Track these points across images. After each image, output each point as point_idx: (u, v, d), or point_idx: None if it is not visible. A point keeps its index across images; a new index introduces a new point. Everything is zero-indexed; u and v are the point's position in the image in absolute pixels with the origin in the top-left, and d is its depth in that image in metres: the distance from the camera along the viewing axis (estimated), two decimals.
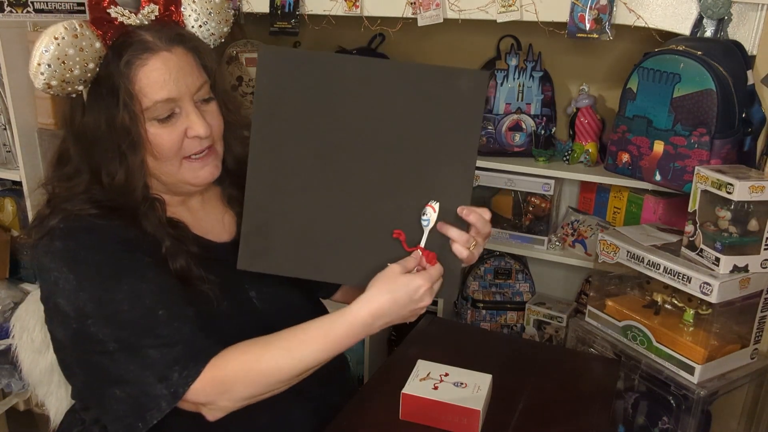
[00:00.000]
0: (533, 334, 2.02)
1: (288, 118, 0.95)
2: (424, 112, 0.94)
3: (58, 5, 1.85)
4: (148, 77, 0.95)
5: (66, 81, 0.93)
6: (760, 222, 1.30)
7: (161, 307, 0.94)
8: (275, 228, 0.96)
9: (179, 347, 0.93)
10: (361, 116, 0.95)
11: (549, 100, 1.84)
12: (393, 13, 1.73)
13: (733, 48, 1.42)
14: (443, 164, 0.95)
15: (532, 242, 1.89)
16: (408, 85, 0.93)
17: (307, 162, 0.95)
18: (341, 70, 0.94)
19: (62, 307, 0.95)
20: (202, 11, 1.02)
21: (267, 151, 0.96)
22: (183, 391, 0.92)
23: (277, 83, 0.94)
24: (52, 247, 0.96)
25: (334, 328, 0.93)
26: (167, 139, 0.98)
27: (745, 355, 1.42)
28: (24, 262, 2.07)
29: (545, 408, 1.21)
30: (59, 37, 0.90)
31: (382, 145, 0.95)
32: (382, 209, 0.95)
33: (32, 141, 1.85)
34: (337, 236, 0.96)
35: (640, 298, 1.53)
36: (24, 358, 1.29)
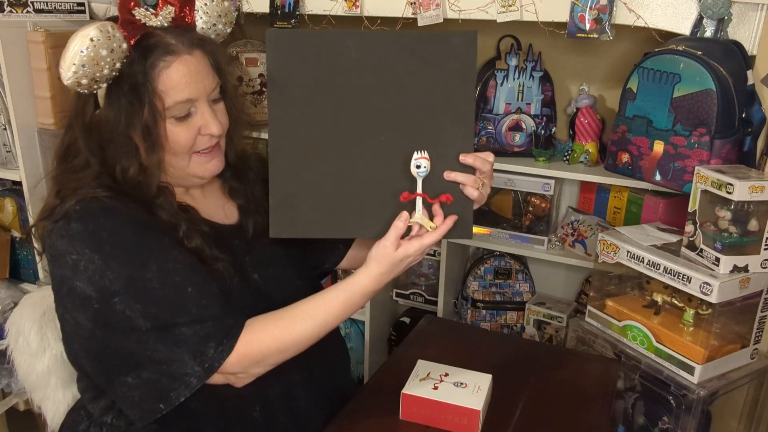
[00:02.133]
0: (533, 334, 2.02)
1: (300, 94, 1.02)
2: (423, 74, 1.02)
3: (58, 5, 1.85)
4: (171, 79, 1.01)
5: (95, 80, 0.98)
6: (760, 222, 1.30)
7: (189, 284, 1.00)
8: (300, 196, 1.04)
9: (210, 323, 0.99)
10: (366, 84, 1.02)
11: (549, 100, 1.84)
12: (393, 13, 1.73)
13: (733, 48, 1.42)
14: (446, 119, 1.04)
15: (532, 242, 1.89)
16: (407, 52, 1.01)
17: (321, 132, 1.03)
18: (344, 45, 1.01)
19: (81, 290, 0.96)
20: (212, 14, 1.08)
21: (284, 127, 1.02)
22: (218, 365, 0.98)
23: (286, 63, 1.00)
24: (69, 230, 0.98)
25: (346, 293, 1.04)
26: (183, 136, 1.04)
27: (745, 355, 1.42)
28: (24, 262, 2.07)
29: (545, 408, 1.21)
30: (95, 39, 0.94)
31: (389, 109, 1.03)
32: (393, 167, 1.04)
33: (32, 141, 1.85)
34: (355, 196, 1.05)
35: (640, 298, 1.53)
36: (20, 362, 1.29)
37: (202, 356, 0.98)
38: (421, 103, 1.03)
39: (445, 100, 1.03)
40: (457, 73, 1.02)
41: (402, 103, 1.03)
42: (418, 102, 1.03)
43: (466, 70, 1.03)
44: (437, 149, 1.04)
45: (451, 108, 1.03)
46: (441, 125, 1.04)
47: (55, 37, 1.78)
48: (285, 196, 1.04)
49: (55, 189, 1.06)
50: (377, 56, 1.02)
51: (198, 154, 1.08)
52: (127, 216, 1.01)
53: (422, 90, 1.03)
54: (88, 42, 0.94)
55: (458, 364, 1.17)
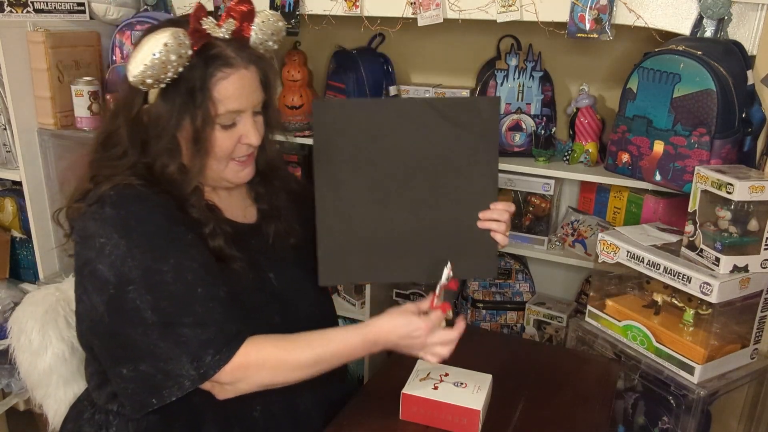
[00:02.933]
0: (533, 334, 2.02)
1: (343, 156, 1.13)
2: (452, 134, 1.13)
3: (58, 5, 1.85)
4: (226, 89, 1.06)
5: (158, 80, 1.02)
6: (760, 222, 1.30)
7: (200, 284, 1.02)
8: (345, 248, 1.15)
9: (213, 329, 1.01)
10: (402, 145, 1.13)
11: (549, 100, 1.84)
12: (393, 13, 1.73)
13: (733, 48, 1.42)
14: (472, 173, 1.15)
15: (532, 242, 1.89)
16: (437, 115, 1.13)
17: (362, 189, 1.14)
18: (381, 111, 1.14)
19: (102, 273, 1.00)
20: (266, 32, 1.15)
21: (329, 186, 1.13)
22: (213, 373, 1.00)
23: (331, 129, 1.12)
24: (102, 214, 1.02)
25: (349, 337, 1.08)
26: (225, 143, 1.10)
27: (745, 355, 1.42)
28: (24, 262, 2.07)
29: (545, 408, 1.21)
30: (168, 44, 0.99)
31: (422, 166, 1.14)
32: (429, 218, 1.15)
33: (32, 141, 1.85)
34: (394, 245, 1.15)
35: (640, 298, 1.53)
36: (22, 360, 1.30)
37: (200, 361, 0.99)
38: (450, 159, 1.14)
39: (472, 157, 1.14)
40: (481, 133, 1.13)
41: (433, 160, 1.14)
42: (448, 158, 1.14)
43: (490, 130, 1.14)
44: (465, 200, 1.15)
45: (477, 163, 1.15)
46: (468, 179, 1.15)
47: (55, 37, 1.78)
48: (331, 249, 1.14)
49: (90, 173, 1.10)
50: (411, 119, 1.13)
51: (234, 161, 1.14)
52: (158, 207, 1.04)
53: (451, 148, 1.13)
54: (162, 46, 0.99)
55: (458, 364, 1.17)
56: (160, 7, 2.02)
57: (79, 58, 1.87)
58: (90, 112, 1.81)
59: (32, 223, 1.91)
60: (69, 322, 1.30)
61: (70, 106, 1.82)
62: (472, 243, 1.16)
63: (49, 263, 1.97)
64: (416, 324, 1.06)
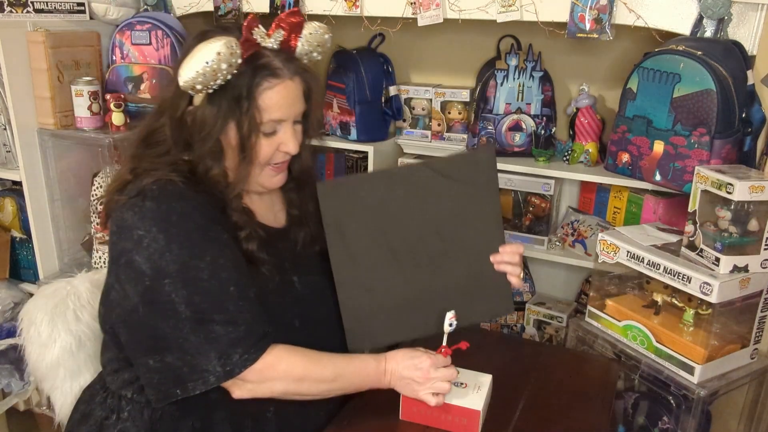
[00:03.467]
0: (533, 334, 2.02)
1: (354, 231, 1.17)
2: (455, 190, 1.17)
3: (58, 5, 1.85)
4: (271, 99, 1.10)
5: (208, 86, 1.05)
6: (760, 222, 1.30)
7: (233, 283, 1.05)
8: (367, 315, 1.19)
9: (243, 328, 1.04)
10: (408, 210, 1.17)
11: (549, 100, 1.84)
12: (393, 13, 1.73)
13: (733, 48, 1.42)
14: (478, 223, 1.19)
15: (532, 242, 1.89)
16: (438, 175, 1.17)
17: (376, 258, 1.18)
18: (384, 182, 1.17)
19: (138, 265, 1.02)
20: (312, 43, 1.17)
21: (345, 260, 1.17)
22: (239, 371, 1.03)
23: (337, 208, 1.16)
24: (142, 207, 1.04)
25: (367, 360, 1.14)
26: (265, 149, 1.13)
27: (745, 355, 1.42)
28: (24, 262, 2.07)
29: (545, 408, 1.21)
30: (221, 54, 1.02)
31: (431, 225, 1.18)
32: (443, 271, 1.19)
33: (32, 141, 1.85)
34: (414, 304, 1.19)
35: (640, 298, 1.53)
36: (31, 351, 1.32)
37: (227, 359, 1.02)
38: (455, 213, 1.18)
39: (475, 207, 1.19)
40: (482, 183, 1.18)
41: (440, 217, 1.18)
42: (454, 213, 1.18)
43: (490, 179, 1.19)
44: (474, 248, 1.20)
45: (481, 212, 1.19)
46: (475, 228, 1.19)
47: (55, 37, 1.78)
48: (355, 318, 1.19)
49: (130, 165, 1.12)
50: (413, 185, 1.17)
51: (270, 167, 1.17)
52: (197, 205, 1.07)
53: (455, 203, 1.18)
54: (215, 55, 1.01)
55: (458, 364, 1.17)
56: (160, 7, 2.02)
57: (79, 58, 1.87)
58: (90, 112, 1.81)
59: (32, 223, 1.91)
60: (78, 316, 1.33)
61: (70, 106, 1.82)
62: (486, 286, 1.21)
63: (49, 263, 1.97)
64: (422, 357, 1.12)
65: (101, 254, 1.92)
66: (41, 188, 1.90)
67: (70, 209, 1.97)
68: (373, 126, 2.00)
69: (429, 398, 1.10)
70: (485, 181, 1.18)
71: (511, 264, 1.20)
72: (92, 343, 1.33)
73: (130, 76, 1.90)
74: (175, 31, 1.91)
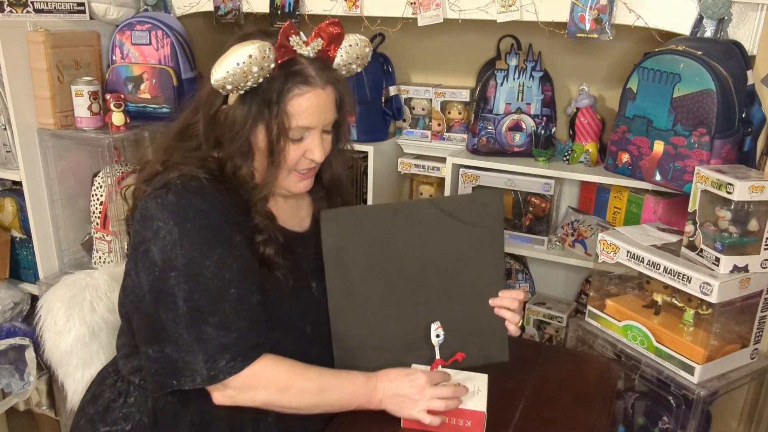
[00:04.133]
0: (533, 334, 2.02)
1: (354, 263, 1.15)
2: (459, 231, 1.17)
3: (58, 5, 1.85)
4: (300, 105, 1.10)
5: (237, 87, 1.07)
6: (760, 222, 1.30)
7: (235, 286, 1.06)
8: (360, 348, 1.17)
9: (234, 335, 1.04)
10: (411, 247, 1.16)
11: (549, 100, 1.84)
12: (393, 13, 1.73)
13: (733, 48, 1.42)
14: (480, 266, 1.18)
15: (532, 242, 1.89)
16: (444, 214, 1.16)
17: (376, 293, 1.16)
18: (389, 215, 1.17)
19: (152, 255, 1.05)
20: (351, 55, 1.18)
21: (342, 292, 1.16)
22: (223, 378, 1.04)
23: (340, 238, 1.15)
24: (165, 199, 1.07)
25: (356, 376, 1.12)
26: (291, 155, 1.14)
27: (745, 355, 1.42)
28: (24, 262, 2.07)
29: (545, 408, 1.21)
30: (252, 56, 1.03)
31: (433, 263, 1.17)
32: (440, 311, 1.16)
33: (32, 141, 1.85)
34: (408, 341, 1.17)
35: (640, 298, 1.53)
36: (47, 338, 1.37)
37: (213, 363, 1.03)
38: (458, 254, 1.17)
39: (479, 249, 1.18)
40: (487, 226, 1.17)
41: (442, 256, 1.17)
42: (456, 254, 1.17)
43: (495, 222, 1.18)
44: (473, 290, 1.18)
45: (483, 255, 1.18)
46: (476, 270, 1.18)
47: (54, 37, 1.77)
48: (346, 349, 1.17)
49: (162, 158, 1.15)
50: (418, 221, 1.16)
51: (296, 173, 1.18)
52: (216, 203, 1.08)
53: (458, 244, 1.17)
54: (246, 57, 1.03)
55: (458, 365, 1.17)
56: (160, 7, 2.02)
57: (79, 58, 1.87)
58: (90, 112, 1.80)
59: (32, 223, 1.90)
60: (94, 307, 1.37)
61: (70, 106, 1.82)
62: (482, 331, 1.20)
63: (49, 263, 1.97)
64: (418, 374, 1.10)
65: (101, 254, 1.92)
66: (41, 188, 1.90)
67: (70, 209, 1.97)
68: (373, 126, 2.00)
69: (423, 416, 1.08)
70: (491, 224, 1.18)
71: (511, 310, 1.19)
72: (105, 335, 1.38)
73: (130, 76, 1.90)
74: (175, 31, 1.91)
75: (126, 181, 1.84)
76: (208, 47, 2.15)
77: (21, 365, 2.01)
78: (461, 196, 1.29)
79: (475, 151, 1.88)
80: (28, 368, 1.99)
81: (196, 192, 1.08)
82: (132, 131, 1.84)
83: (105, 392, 1.20)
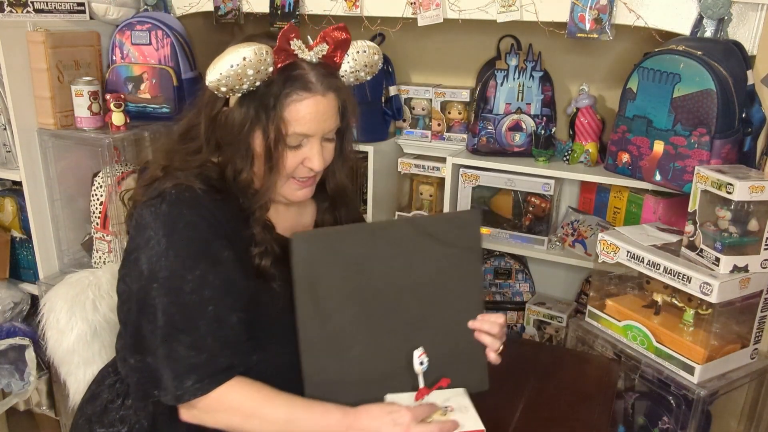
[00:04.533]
0: (533, 334, 2.02)
1: (327, 289, 1.06)
2: (436, 251, 1.10)
3: (58, 5, 1.85)
4: (298, 112, 1.07)
5: (233, 90, 1.04)
6: (760, 222, 1.30)
7: (214, 303, 1.03)
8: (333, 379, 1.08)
9: (205, 356, 1.01)
10: (388, 270, 1.08)
11: (549, 100, 1.84)
12: (393, 13, 1.73)
13: (733, 48, 1.42)
14: (457, 288, 1.12)
15: (532, 242, 1.89)
16: (421, 234, 1.09)
17: (350, 320, 1.08)
18: (364, 238, 1.09)
19: (141, 264, 1.04)
20: (359, 62, 1.14)
21: (314, 320, 1.06)
22: (188, 399, 1.01)
23: (312, 263, 1.06)
24: (158, 209, 1.05)
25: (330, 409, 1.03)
26: (289, 162, 1.10)
27: (745, 355, 1.42)
28: (23, 262, 2.07)
29: (545, 408, 1.21)
30: (247, 59, 1.01)
31: (408, 286, 1.10)
32: (418, 336, 1.09)
33: (32, 141, 1.85)
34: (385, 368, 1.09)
35: (640, 298, 1.53)
36: (49, 336, 1.38)
37: (180, 383, 1.01)
38: (436, 275, 1.11)
39: (457, 270, 1.11)
40: (465, 246, 1.11)
41: (420, 279, 1.10)
42: (434, 275, 1.11)
43: (474, 244, 1.13)
44: (452, 314, 1.12)
45: (462, 276, 1.12)
46: (454, 293, 1.12)
47: (54, 37, 1.77)
48: (317, 385, 1.08)
49: (163, 162, 1.13)
50: (395, 243, 1.09)
51: (294, 180, 1.14)
52: (207, 216, 1.05)
53: (437, 265, 1.10)
54: (241, 60, 1.00)
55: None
56: (160, 7, 2.02)
57: (79, 58, 1.87)
58: (90, 112, 1.80)
59: (32, 223, 1.90)
60: (96, 306, 1.37)
61: (70, 106, 1.82)
62: (461, 359, 1.13)
63: (49, 263, 1.97)
64: (402, 411, 1.01)
65: (101, 254, 1.92)
66: (41, 188, 1.90)
67: (70, 209, 1.97)
68: (373, 126, 2.00)
69: None
70: (469, 244, 1.12)
71: (491, 335, 1.13)
72: (107, 334, 1.37)
73: (130, 76, 1.90)
74: (175, 31, 1.91)
75: (125, 182, 1.84)
76: (208, 47, 2.15)
77: (21, 365, 2.01)
78: (439, 216, 1.21)
79: (475, 151, 1.88)
80: (28, 368, 1.99)
81: (189, 203, 1.05)
82: (132, 131, 1.84)
83: (104, 392, 1.19)
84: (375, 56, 1.17)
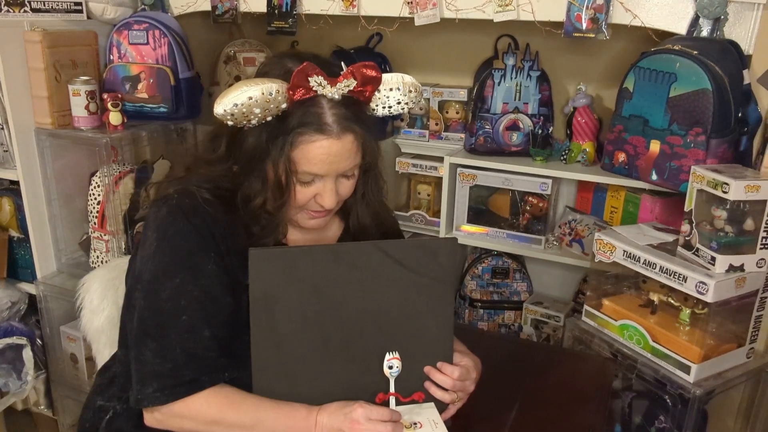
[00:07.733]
0: (530, 334, 2.02)
1: (284, 310, 1.02)
2: (405, 280, 1.04)
3: (56, 5, 1.85)
4: (309, 152, 1.03)
5: (241, 124, 1.02)
6: (756, 221, 1.30)
7: (188, 314, 1.02)
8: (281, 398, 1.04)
9: (169, 366, 1.00)
10: (351, 296, 1.03)
11: (546, 99, 1.84)
12: (390, 13, 1.73)
13: (729, 47, 1.42)
14: (426, 321, 1.06)
15: (530, 242, 1.89)
16: (389, 260, 1.04)
17: (308, 346, 1.03)
18: (328, 260, 1.02)
19: (136, 262, 1.08)
20: (392, 100, 1.10)
21: (268, 342, 1.02)
22: (146, 406, 1.02)
23: (270, 281, 1.01)
24: (160, 212, 1.06)
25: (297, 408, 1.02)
26: (300, 196, 1.08)
27: (741, 354, 1.42)
28: (21, 262, 2.07)
29: (542, 407, 1.21)
30: (253, 98, 0.97)
31: (372, 314, 1.04)
32: (376, 368, 1.06)
33: (29, 140, 1.85)
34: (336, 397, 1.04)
35: (637, 297, 1.53)
36: (83, 314, 1.46)
37: (142, 388, 1.01)
38: (403, 307, 1.05)
39: (426, 303, 1.06)
40: (436, 278, 1.05)
41: (385, 309, 1.05)
42: (401, 306, 1.05)
43: (448, 273, 1.07)
44: (418, 351, 1.07)
45: (431, 310, 1.07)
46: (422, 327, 1.07)
47: (52, 37, 1.77)
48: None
49: (188, 163, 1.15)
50: (360, 267, 1.03)
51: (307, 212, 1.12)
52: (202, 225, 1.04)
53: (404, 295, 1.05)
54: (246, 99, 0.97)
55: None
56: (158, 7, 2.02)
57: (77, 58, 1.87)
58: (87, 111, 1.80)
59: (29, 223, 1.90)
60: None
61: (68, 106, 1.82)
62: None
63: (47, 263, 1.97)
64: (354, 407, 1.01)
65: (99, 254, 1.92)
66: (38, 188, 1.90)
67: (67, 209, 1.97)
68: None
69: None
70: (441, 275, 1.05)
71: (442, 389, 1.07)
72: None
73: (127, 76, 1.90)
74: (173, 30, 1.91)
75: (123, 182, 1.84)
76: (205, 47, 2.16)
77: (18, 365, 2.01)
78: (411, 241, 1.14)
79: (472, 150, 1.88)
80: (26, 368, 1.99)
81: (186, 211, 1.04)
82: (129, 131, 1.84)
83: (113, 366, 1.22)
84: (412, 93, 1.11)
